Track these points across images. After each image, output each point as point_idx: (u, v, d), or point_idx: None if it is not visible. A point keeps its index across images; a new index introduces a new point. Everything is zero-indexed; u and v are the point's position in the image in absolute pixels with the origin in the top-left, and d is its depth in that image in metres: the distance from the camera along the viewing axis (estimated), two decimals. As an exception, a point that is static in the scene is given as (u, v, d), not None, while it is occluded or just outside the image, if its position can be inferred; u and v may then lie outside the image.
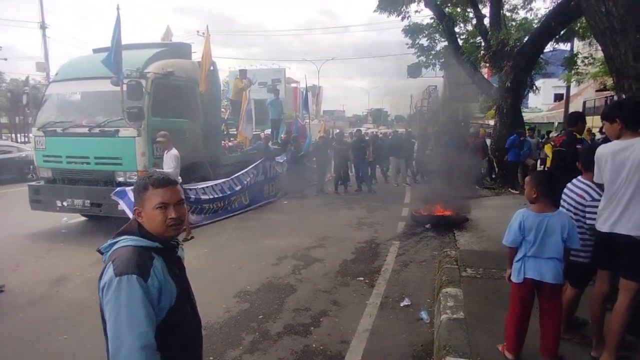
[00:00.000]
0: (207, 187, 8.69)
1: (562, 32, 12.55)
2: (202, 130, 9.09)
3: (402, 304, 4.65)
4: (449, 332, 3.53)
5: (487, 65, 13.88)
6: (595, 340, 3.11)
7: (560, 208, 3.23)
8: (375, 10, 14.77)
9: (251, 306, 4.61)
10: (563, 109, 22.13)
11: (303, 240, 7.33)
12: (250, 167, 10.22)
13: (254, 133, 12.98)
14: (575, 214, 3.16)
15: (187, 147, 8.14)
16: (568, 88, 21.30)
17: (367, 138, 15.02)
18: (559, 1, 11.11)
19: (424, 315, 4.34)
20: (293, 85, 22.53)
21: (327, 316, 4.37)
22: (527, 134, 12.20)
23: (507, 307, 3.17)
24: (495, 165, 12.68)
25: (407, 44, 17.41)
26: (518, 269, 2.93)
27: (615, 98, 5.08)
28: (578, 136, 5.06)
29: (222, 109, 12.09)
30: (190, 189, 8.19)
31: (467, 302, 4.14)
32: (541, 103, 35.93)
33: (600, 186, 3.02)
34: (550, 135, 12.41)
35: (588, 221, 3.09)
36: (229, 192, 9.26)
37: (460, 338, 3.41)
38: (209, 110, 9.30)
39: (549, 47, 14.32)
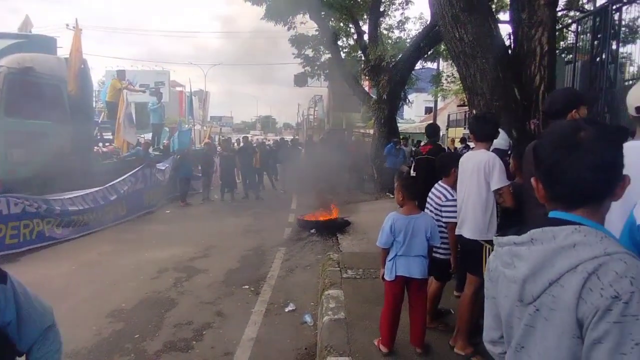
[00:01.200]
0: (75, 197, 7.81)
1: (429, 52, 14.07)
2: (70, 133, 8.17)
3: (287, 310, 4.70)
4: (330, 333, 3.67)
5: (367, 78, 14.89)
6: (456, 331, 3.48)
7: (426, 209, 3.63)
8: (262, 18, 14.87)
9: (126, 325, 4.25)
10: (432, 121, 24.68)
11: (186, 250, 7.00)
12: (128, 174, 9.46)
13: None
14: (435, 214, 3.56)
15: (50, 152, 7.23)
16: (435, 102, 23.85)
17: (254, 145, 15.00)
18: (426, 25, 12.42)
19: (307, 318, 4.44)
20: (178, 89, 21.55)
21: (210, 328, 4.23)
22: (402, 143, 13.34)
23: (382, 304, 3.41)
24: (375, 171, 13.60)
25: (293, 54, 17.85)
26: (390, 268, 3.18)
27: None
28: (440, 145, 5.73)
29: (97, 112, 11.02)
30: (55, 200, 7.28)
31: (348, 303, 4.36)
32: (414, 115, 39.65)
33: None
34: (421, 144, 13.76)
35: (444, 219, 3.51)
36: (102, 202, 8.44)
37: (340, 337, 3.57)
38: (78, 112, 8.41)
39: (419, 65, 15.93)
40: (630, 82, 9.65)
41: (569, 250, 0.96)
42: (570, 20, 12.55)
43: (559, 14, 13.77)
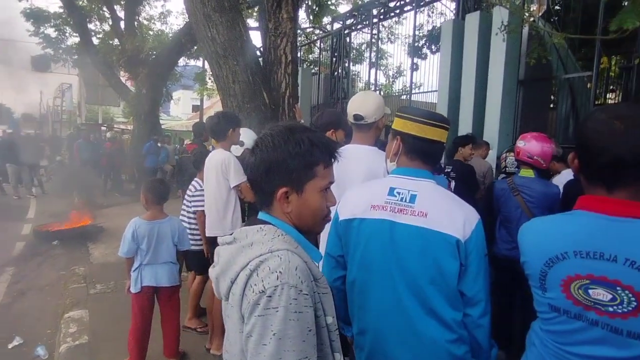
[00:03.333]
0: None
1: (193, 49, 13.77)
2: None
3: (11, 346, 3.77)
4: (67, 364, 3.11)
5: (123, 69, 13.54)
6: (211, 332, 3.46)
7: (188, 203, 3.64)
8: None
9: None
10: (199, 120, 24.44)
11: None
12: None
13: None
14: (187, 206, 3.65)
15: None
16: (202, 101, 23.69)
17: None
18: (187, 21, 12.11)
19: (40, 352, 3.67)
20: None
21: None
22: (165, 141, 12.70)
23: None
24: (135, 171, 12.53)
25: (28, 31, 14.66)
26: (135, 279, 2.89)
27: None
28: (206, 145, 5.65)
29: None
30: None
31: (93, 323, 3.81)
32: (181, 112, 38.52)
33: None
34: (186, 142, 13.39)
35: (192, 208, 3.60)
36: None
37: (80, 367, 3.07)
38: None
39: (183, 62, 15.45)
40: (360, 95, 11.73)
41: (246, 249, 1.01)
42: (316, 37, 14.39)
43: (309, 30, 15.66)
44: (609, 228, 1.06)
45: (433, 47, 11.84)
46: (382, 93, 13.84)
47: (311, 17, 11.35)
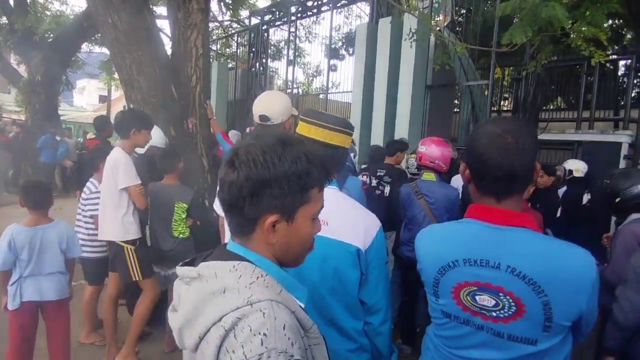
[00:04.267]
0: None
1: (98, 35, 12.64)
2: None
3: None
4: None
5: (12, 51, 12.05)
6: (108, 344, 3.18)
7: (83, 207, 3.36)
8: None
9: None
10: (106, 111, 22.66)
11: None
12: None
13: None
14: (82, 209, 3.42)
15: None
16: (109, 91, 21.98)
17: None
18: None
19: None
20: None
21: None
22: (65, 134, 11.54)
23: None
24: (28, 167, 11.23)
25: None
26: (14, 294, 2.54)
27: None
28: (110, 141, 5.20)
29: None
30: None
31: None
32: (87, 103, 35.43)
33: None
34: (88, 136, 12.26)
35: (88, 212, 3.34)
36: None
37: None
38: None
39: (87, 47, 14.12)
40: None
41: (218, 297, 0.80)
42: (233, 31, 14.01)
43: (227, 23, 15.18)
44: (494, 236, 1.11)
45: (350, 48, 12.14)
46: (300, 91, 13.88)
47: (224, 10, 11.00)
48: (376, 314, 1.40)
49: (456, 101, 8.39)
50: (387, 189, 4.23)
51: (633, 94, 7.70)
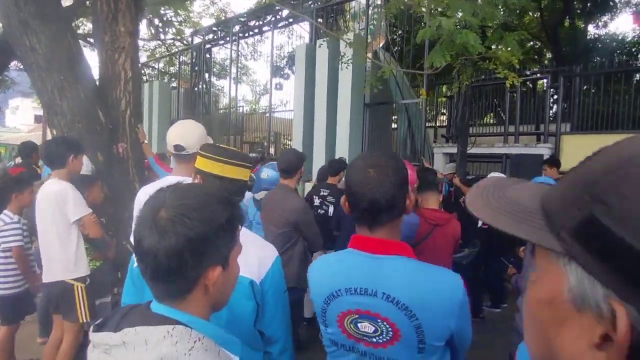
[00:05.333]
0: None
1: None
2: None
3: None
4: None
5: None
6: None
7: None
8: None
9: None
10: (42, 132, 21.45)
11: None
12: None
13: None
14: None
15: None
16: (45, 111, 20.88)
17: None
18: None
19: None
20: None
21: None
22: (-8, 158, 10.82)
23: None
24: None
25: None
26: None
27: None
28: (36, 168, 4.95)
29: None
30: None
31: None
32: (21, 123, 33.37)
33: None
34: (8, 164, 11.53)
35: (6, 244, 3.10)
36: None
37: None
38: None
39: (15, 66, 13.36)
40: (224, 110, 11.61)
41: None
42: (176, 50, 13.82)
43: (169, 41, 14.93)
44: (371, 265, 1.18)
45: (294, 67, 12.32)
46: (247, 110, 13.85)
47: (152, 30, 10.90)
48: (275, 344, 1.42)
49: (394, 117, 8.71)
50: (330, 209, 4.29)
51: (555, 110, 8.33)
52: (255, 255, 1.39)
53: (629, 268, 0.34)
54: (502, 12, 7.40)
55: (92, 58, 5.00)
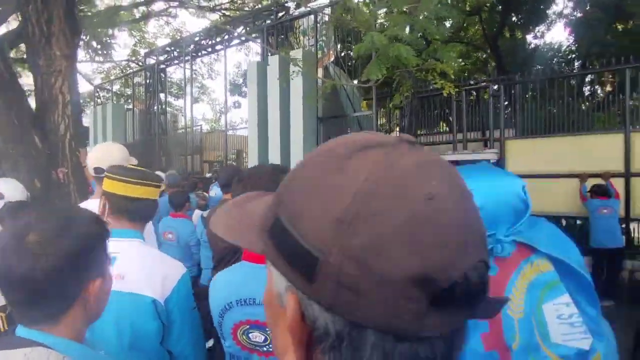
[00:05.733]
0: None
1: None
2: None
3: None
4: None
5: None
6: None
7: None
8: None
9: None
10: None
11: None
12: None
13: None
14: None
15: None
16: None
17: None
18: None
19: None
20: None
21: None
22: None
23: None
24: None
25: None
26: None
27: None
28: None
29: None
30: None
31: None
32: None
33: None
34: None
35: None
36: None
37: None
38: None
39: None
40: (182, 130, 11.47)
41: None
42: (130, 71, 13.63)
43: (124, 63, 14.72)
44: (256, 275, 1.19)
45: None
46: (206, 128, 13.76)
47: (91, 53, 10.78)
48: None
49: (349, 130, 8.86)
50: None
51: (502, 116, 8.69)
52: (159, 274, 1.39)
53: (290, 252, 0.37)
54: (446, 26, 7.74)
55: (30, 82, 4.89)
